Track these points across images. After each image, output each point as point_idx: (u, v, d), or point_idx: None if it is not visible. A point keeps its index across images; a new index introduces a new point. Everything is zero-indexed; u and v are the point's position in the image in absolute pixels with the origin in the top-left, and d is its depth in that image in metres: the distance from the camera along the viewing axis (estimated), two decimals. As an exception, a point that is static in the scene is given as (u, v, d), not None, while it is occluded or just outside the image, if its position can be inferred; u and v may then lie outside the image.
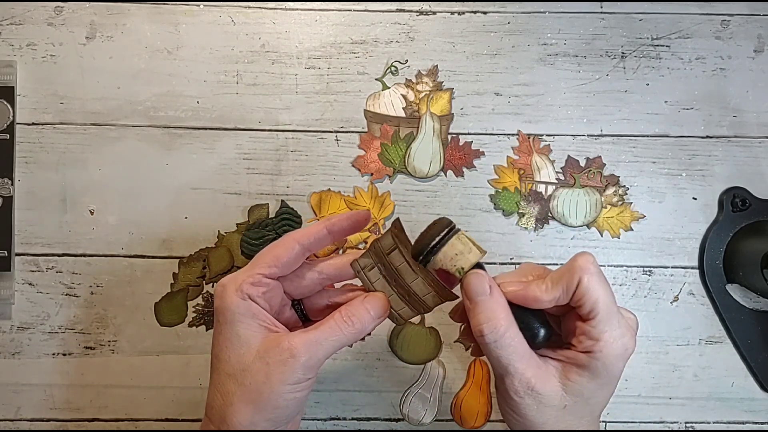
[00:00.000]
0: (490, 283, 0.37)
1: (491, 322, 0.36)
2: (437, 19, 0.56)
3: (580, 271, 0.35)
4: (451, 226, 0.37)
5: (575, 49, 0.56)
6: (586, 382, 0.36)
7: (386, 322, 0.54)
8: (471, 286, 0.37)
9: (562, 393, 0.36)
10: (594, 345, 0.35)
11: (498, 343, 0.35)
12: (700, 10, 0.56)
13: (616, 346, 0.35)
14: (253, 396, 0.37)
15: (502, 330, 0.35)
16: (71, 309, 0.54)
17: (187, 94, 0.55)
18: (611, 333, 0.35)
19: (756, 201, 0.54)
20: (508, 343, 0.36)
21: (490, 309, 0.36)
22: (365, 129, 0.55)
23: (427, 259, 0.37)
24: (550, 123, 0.55)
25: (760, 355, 0.54)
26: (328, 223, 0.41)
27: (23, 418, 0.53)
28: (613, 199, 0.55)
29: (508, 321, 0.36)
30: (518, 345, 0.36)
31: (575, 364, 0.36)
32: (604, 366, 0.35)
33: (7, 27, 0.55)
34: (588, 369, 0.36)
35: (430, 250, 0.37)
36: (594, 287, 0.35)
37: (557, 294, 0.36)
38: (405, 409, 0.54)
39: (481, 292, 0.36)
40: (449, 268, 0.37)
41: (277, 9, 0.56)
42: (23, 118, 0.54)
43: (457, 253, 0.37)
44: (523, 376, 0.36)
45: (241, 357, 0.38)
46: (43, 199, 0.54)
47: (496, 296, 0.37)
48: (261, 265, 0.39)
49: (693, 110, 0.56)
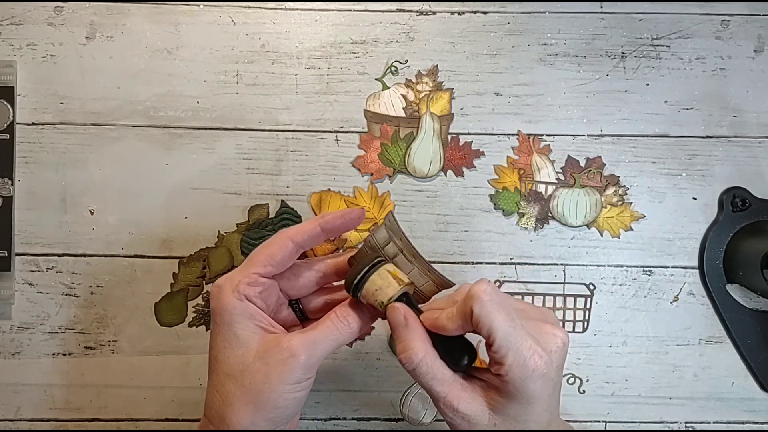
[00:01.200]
0: (406, 314, 0.38)
1: (406, 352, 0.37)
2: (437, 19, 0.56)
3: (471, 301, 0.36)
4: (376, 261, 0.40)
5: (575, 49, 0.56)
6: (506, 403, 0.36)
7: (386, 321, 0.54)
8: (389, 318, 0.39)
9: (490, 413, 0.37)
10: (500, 368, 0.36)
11: (416, 370, 0.37)
12: (700, 10, 0.56)
13: (523, 369, 0.35)
14: (252, 396, 0.37)
15: (417, 359, 0.37)
16: (71, 309, 0.54)
17: (187, 94, 0.55)
18: (514, 356, 0.35)
19: (756, 201, 0.54)
20: (425, 371, 0.37)
21: (405, 339, 0.38)
22: (365, 129, 0.55)
23: (356, 295, 0.40)
24: (550, 123, 0.56)
25: (760, 355, 0.54)
26: (321, 221, 0.42)
27: (23, 418, 0.53)
28: (613, 199, 0.55)
29: (424, 349, 0.37)
30: (437, 370, 0.37)
31: (493, 386, 0.37)
32: (515, 388, 0.36)
33: (7, 27, 0.55)
34: (503, 391, 0.36)
35: (355, 287, 0.39)
36: (486, 314, 0.35)
37: (459, 322, 0.37)
38: (405, 409, 0.54)
39: (397, 324, 0.39)
40: (372, 302, 0.39)
41: (277, 9, 0.56)
42: (23, 118, 0.54)
43: (377, 288, 0.39)
44: (445, 399, 0.37)
45: (240, 358, 0.38)
46: (43, 199, 0.54)
47: (411, 327, 0.38)
48: (256, 264, 0.40)
49: (693, 110, 0.56)
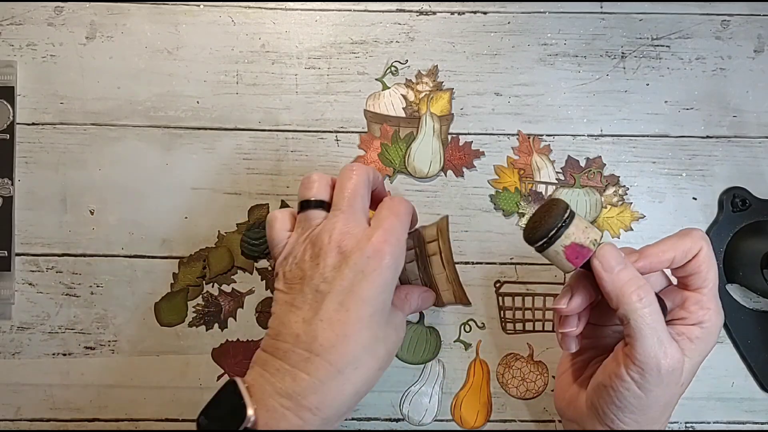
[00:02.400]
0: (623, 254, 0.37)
1: (642, 288, 0.35)
2: (437, 19, 0.56)
3: (702, 241, 0.36)
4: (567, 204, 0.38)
5: (575, 49, 0.56)
6: (697, 357, 0.36)
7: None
8: (609, 256, 0.36)
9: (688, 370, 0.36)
10: (706, 314, 0.36)
11: (651, 308, 0.35)
12: (700, 10, 0.56)
13: (720, 316, 0.37)
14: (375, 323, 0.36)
15: (652, 296, 0.35)
16: (71, 309, 0.54)
17: (187, 94, 0.55)
18: (717, 302, 0.37)
19: (756, 201, 0.54)
20: (656, 309, 0.35)
21: (636, 276, 0.36)
22: (365, 129, 0.55)
23: (559, 234, 0.37)
24: (550, 123, 0.56)
25: (760, 355, 0.54)
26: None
27: (23, 418, 0.53)
28: (613, 199, 0.55)
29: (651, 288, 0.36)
30: (663, 319, 0.36)
31: (688, 338, 0.36)
32: (710, 335, 0.36)
33: (7, 27, 0.55)
34: (699, 340, 0.36)
35: (563, 222, 0.37)
36: (711, 261, 0.36)
37: (674, 255, 0.37)
38: (405, 409, 0.54)
39: (620, 261, 0.36)
40: (583, 241, 0.37)
41: (277, 9, 0.56)
42: (23, 118, 0.54)
43: (587, 226, 0.37)
44: (671, 350, 0.35)
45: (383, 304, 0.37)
46: (43, 199, 0.54)
47: (631, 266, 0.37)
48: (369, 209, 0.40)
49: (693, 110, 0.56)
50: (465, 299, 0.42)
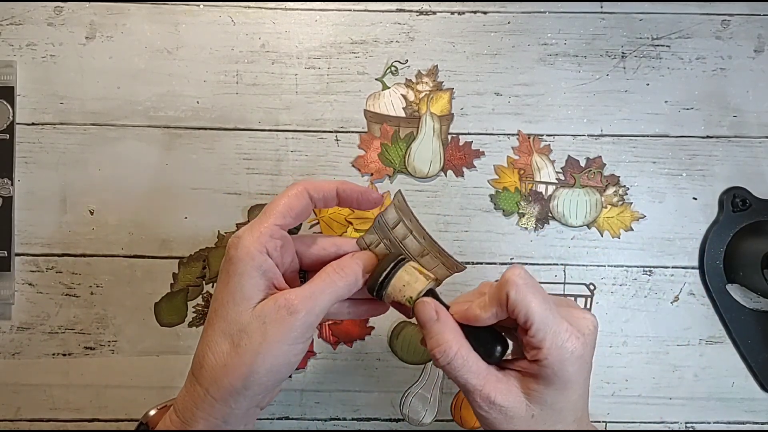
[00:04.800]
0: (437, 309, 0.38)
1: (440, 346, 0.37)
2: (437, 19, 0.56)
3: (507, 286, 0.36)
4: (399, 259, 0.39)
5: (575, 49, 0.56)
6: (544, 389, 0.36)
7: (386, 322, 0.54)
8: (419, 314, 0.38)
9: (527, 403, 0.37)
10: (538, 353, 0.35)
11: (451, 364, 0.37)
12: (700, 10, 0.56)
13: (560, 352, 0.35)
14: (248, 359, 0.36)
15: (452, 352, 0.37)
16: (71, 309, 0.54)
17: (187, 94, 0.55)
18: (552, 339, 0.35)
19: (756, 201, 0.54)
20: (460, 364, 0.37)
21: (438, 333, 0.37)
22: (365, 129, 0.55)
23: (380, 294, 0.39)
24: (550, 123, 0.55)
25: (760, 355, 0.54)
26: (340, 185, 0.40)
27: (23, 418, 0.53)
28: (613, 199, 0.55)
29: (457, 342, 0.37)
30: (472, 363, 0.37)
31: (529, 374, 0.37)
32: (554, 372, 0.35)
33: (7, 27, 0.55)
34: (540, 377, 0.36)
35: (381, 284, 0.39)
36: (522, 299, 0.35)
37: (493, 310, 0.37)
38: (405, 409, 0.54)
39: (428, 319, 0.38)
40: (399, 299, 0.39)
41: (277, 9, 0.56)
42: (23, 118, 0.54)
43: (405, 284, 0.38)
44: (481, 391, 0.36)
45: (239, 315, 0.36)
46: (43, 199, 0.54)
47: (443, 320, 0.38)
48: (275, 215, 0.38)
49: (693, 110, 0.56)
50: (458, 266, 0.40)
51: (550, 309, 0.36)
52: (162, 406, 0.43)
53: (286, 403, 0.53)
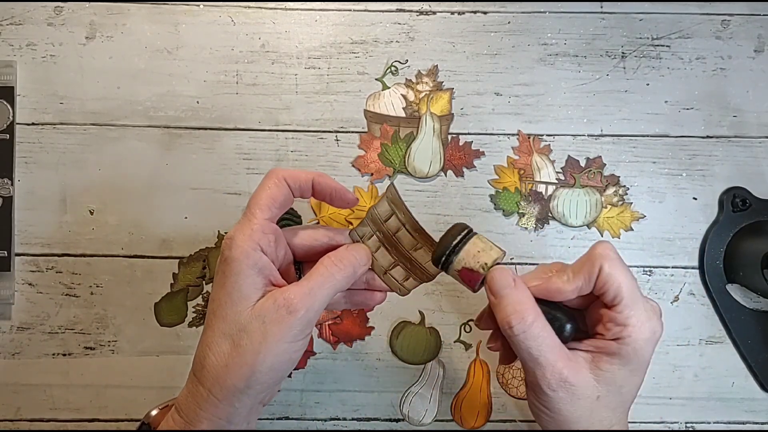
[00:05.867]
0: (514, 277, 0.37)
1: (518, 313, 0.36)
2: (437, 19, 0.56)
3: (601, 259, 0.36)
4: (469, 228, 0.38)
5: (575, 49, 0.56)
6: (618, 370, 0.36)
7: (386, 321, 0.54)
8: (495, 280, 0.37)
9: (595, 383, 0.36)
10: (622, 330, 0.35)
11: (527, 333, 0.35)
12: (700, 10, 0.56)
13: (644, 330, 0.35)
14: (249, 358, 0.35)
15: (530, 320, 0.35)
16: (71, 309, 0.54)
17: (187, 94, 0.55)
18: (638, 317, 0.35)
19: (756, 201, 0.54)
20: (537, 334, 0.35)
21: (516, 301, 0.36)
22: (365, 129, 0.55)
23: (450, 259, 0.37)
24: (550, 123, 0.55)
25: (760, 355, 0.54)
26: (317, 177, 0.40)
27: (23, 418, 0.53)
28: (613, 199, 0.55)
29: (535, 311, 0.36)
30: (547, 336, 0.36)
31: (605, 352, 0.36)
32: (634, 351, 0.35)
33: (7, 27, 0.55)
34: (618, 356, 0.36)
35: (453, 248, 0.37)
36: (616, 273, 0.35)
37: (579, 283, 0.36)
38: (405, 409, 0.54)
39: (506, 285, 0.37)
40: (473, 265, 0.37)
41: (277, 9, 0.56)
42: (23, 118, 0.54)
43: (479, 250, 0.37)
44: (554, 366, 0.35)
45: (237, 315, 0.36)
46: (43, 199, 0.54)
47: (521, 288, 0.37)
48: (262, 209, 0.38)
49: (693, 110, 0.56)
50: None
51: (638, 288, 0.36)
52: (163, 405, 0.43)
53: (286, 403, 0.53)
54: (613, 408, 0.37)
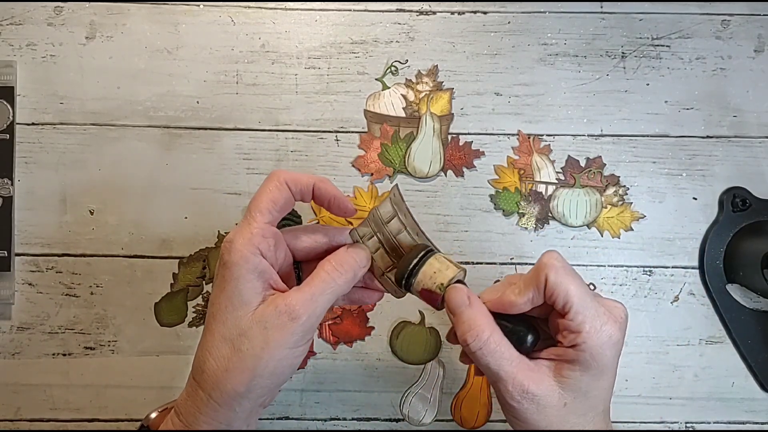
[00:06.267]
0: (469, 294, 0.38)
1: (473, 330, 0.36)
2: (437, 19, 0.56)
3: (546, 269, 0.36)
4: (428, 249, 0.39)
5: (575, 49, 0.56)
6: (579, 376, 0.36)
7: (386, 321, 0.54)
8: (451, 299, 0.38)
9: (560, 391, 0.36)
10: (577, 337, 0.35)
11: (483, 350, 0.36)
12: (700, 10, 0.56)
13: (599, 335, 0.35)
14: (250, 363, 0.35)
15: (485, 336, 0.36)
16: (71, 309, 0.54)
17: (187, 94, 0.55)
18: (591, 323, 0.35)
19: (756, 201, 0.54)
20: (493, 349, 0.36)
21: (471, 318, 0.37)
22: (365, 129, 0.55)
23: (409, 282, 0.38)
24: (550, 123, 0.55)
25: (760, 355, 0.54)
26: (318, 181, 0.40)
27: (23, 418, 0.53)
28: (613, 199, 0.55)
29: (490, 327, 0.37)
30: (505, 350, 0.36)
31: (565, 360, 0.36)
32: (592, 356, 0.35)
33: (7, 27, 0.55)
34: (578, 362, 0.36)
35: (410, 272, 0.38)
36: (561, 281, 0.36)
37: (530, 295, 0.37)
38: (405, 409, 0.54)
39: (461, 304, 0.37)
40: (430, 286, 0.38)
41: (277, 9, 0.56)
42: (23, 118, 0.54)
43: (435, 271, 0.38)
44: (515, 379, 0.36)
45: (238, 319, 0.36)
46: (43, 199, 0.54)
47: (475, 306, 0.37)
48: (263, 212, 0.38)
49: (693, 110, 0.56)
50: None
51: (588, 293, 0.36)
52: (163, 408, 0.43)
53: (286, 403, 0.53)
54: (583, 414, 0.37)
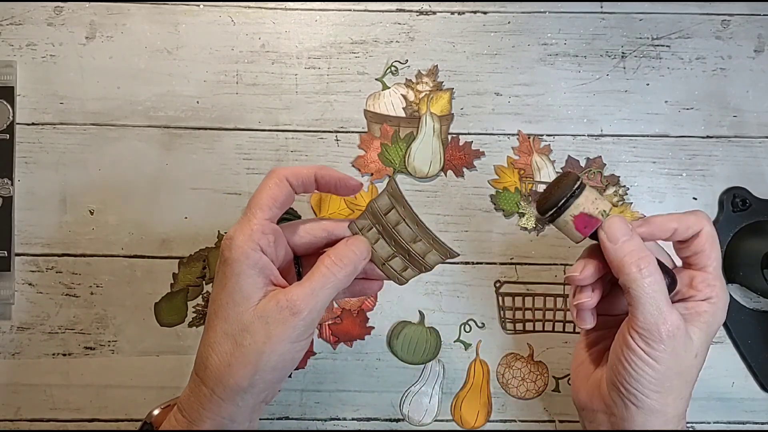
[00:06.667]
0: (632, 225, 0.39)
1: (645, 258, 0.37)
2: (437, 19, 0.56)
3: (704, 222, 0.39)
4: (579, 179, 0.39)
5: (575, 49, 0.56)
6: (707, 328, 0.38)
7: (386, 321, 0.54)
8: (617, 227, 0.38)
9: (693, 340, 0.38)
10: (713, 290, 0.38)
11: (653, 278, 0.37)
12: (700, 10, 0.56)
13: (726, 294, 0.39)
14: (252, 357, 0.36)
15: (653, 267, 0.37)
16: (71, 309, 0.54)
17: (187, 94, 0.55)
18: (722, 282, 0.39)
19: (756, 201, 0.54)
20: (659, 280, 0.37)
21: (640, 247, 0.38)
22: (365, 129, 0.55)
23: (568, 203, 0.38)
24: (550, 123, 0.55)
25: (760, 355, 0.54)
26: (318, 170, 0.40)
27: (23, 418, 0.53)
28: (613, 199, 0.55)
29: (654, 261, 0.38)
30: (664, 286, 0.37)
31: (696, 312, 0.38)
32: (720, 311, 0.38)
33: (7, 27, 0.55)
34: (706, 316, 0.38)
35: (573, 193, 0.38)
36: (713, 240, 0.39)
37: (679, 226, 0.39)
38: (405, 409, 0.54)
39: (627, 232, 0.38)
40: (592, 211, 0.38)
41: (277, 9, 0.56)
42: (23, 118, 0.54)
43: (596, 198, 0.39)
44: (672, 315, 0.37)
45: (240, 315, 0.36)
46: (43, 199, 0.54)
47: (638, 238, 0.38)
48: (263, 209, 0.38)
49: (693, 110, 0.56)
50: (451, 252, 0.40)
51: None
52: (165, 405, 0.43)
53: (286, 403, 0.53)
54: (695, 376, 0.39)
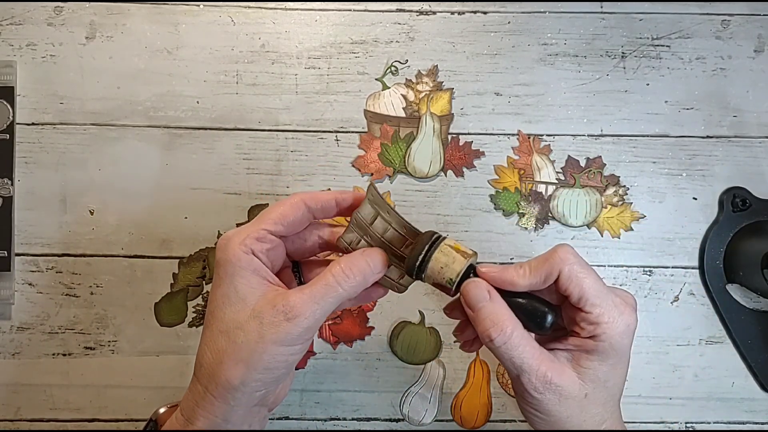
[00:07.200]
0: (488, 289, 0.37)
1: (497, 325, 0.36)
2: (437, 19, 0.56)
3: (561, 263, 0.36)
4: (432, 239, 0.37)
5: (575, 49, 0.56)
6: (599, 366, 0.36)
7: (386, 321, 0.54)
8: (471, 295, 0.37)
9: (580, 382, 0.37)
10: (596, 328, 0.36)
11: (508, 344, 0.36)
12: (700, 10, 0.56)
13: (618, 325, 0.36)
14: (244, 354, 0.35)
15: (509, 331, 0.36)
16: (71, 309, 0.54)
17: (187, 94, 0.55)
18: (609, 314, 0.36)
19: (756, 201, 0.54)
20: (517, 343, 0.36)
21: (494, 313, 0.36)
22: (365, 129, 0.55)
23: (420, 277, 0.38)
24: (550, 123, 0.55)
25: (760, 355, 0.54)
26: (338, 195, 0.40)
27: (23, 418, 0.53)
28: (613, 199, 0.55)
29: (513, 322, 0.36)
30: (527, 343, 0.36)
31: (584, 350, 0.37)
32: (611, 346, 0.36)
33: (7, 27, 0.55)
34: (597, 352, 0.36)
35: (418, 270, 0.37)
36: (576, 276, 0.36)
37: (534, 281, 0.37)
38: (405, 409, 0.54)
39: (481, 299, 0.37)
40: (440, 281, 0.37)
41: (277, 9, 0.56)
42: (23, 118, 0.54)
43: (442, 266, 0.37)
44: (538, 371, 0.36)
45: (235, 314, 0.36)
46: (43, 199, 0.54)
47: (496, 300, 0.37)
48: (267, 221, 0.38)
49: (693, 110, 0.56)
50: None
51: (603, 285, 0.37)
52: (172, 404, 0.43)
53: (286, 403, 0.53)
54: (603, 403, 0.37)
